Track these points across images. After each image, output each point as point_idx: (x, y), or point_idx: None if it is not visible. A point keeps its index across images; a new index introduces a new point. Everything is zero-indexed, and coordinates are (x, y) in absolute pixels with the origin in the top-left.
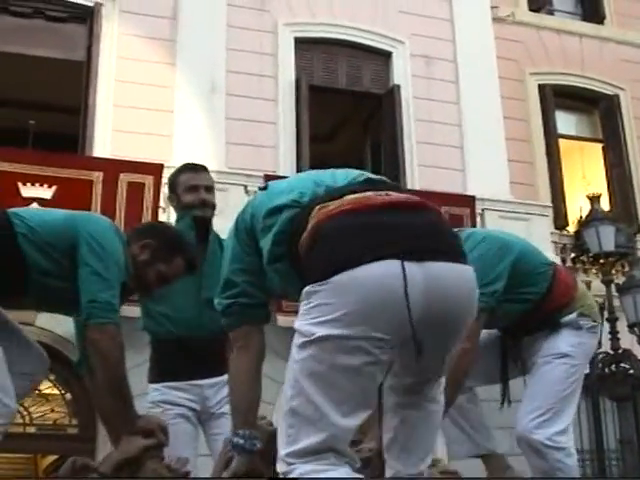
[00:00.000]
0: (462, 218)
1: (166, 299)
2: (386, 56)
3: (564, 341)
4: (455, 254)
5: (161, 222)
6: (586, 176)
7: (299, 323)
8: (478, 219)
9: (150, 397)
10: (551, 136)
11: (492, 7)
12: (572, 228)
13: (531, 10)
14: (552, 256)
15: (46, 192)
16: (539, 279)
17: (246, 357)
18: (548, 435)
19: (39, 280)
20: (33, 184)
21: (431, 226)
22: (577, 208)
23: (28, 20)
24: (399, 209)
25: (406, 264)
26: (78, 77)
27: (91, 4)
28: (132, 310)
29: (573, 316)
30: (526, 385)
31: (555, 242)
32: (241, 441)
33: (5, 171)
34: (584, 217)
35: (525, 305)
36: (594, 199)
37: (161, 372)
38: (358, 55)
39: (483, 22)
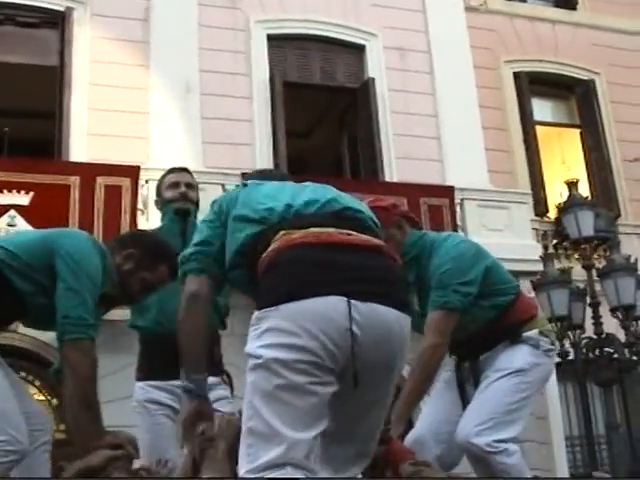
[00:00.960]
0: (441, 209)
1: (154, 294)
2: (359, 50)
3: (520, 358)
4: (398, 302)
5: (143, 231)
6: (565, 162)
7: (249, 347)
8: (458, 209)
9: (135, 395)
10: (528, 123)
11: None
12: (553, 215)
13: None
14: (533, 243)
15: (23, 199)
16: (507, 290)
17: (198, 305)
18: (488, 441)
19: (29, 301)
20: (10, 191)
21: (381, 270)
22: (557, 194)
23: None
24: (355, 250)
25: (352, 302)
26: (52, 82)
27: (62, 9)
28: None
29: (534, 332)
30: (474, 396)
31: (536, 229)
32: (192, 386)
33: None
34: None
35: (492, 312)
36: (572, 185)
37: (146, 370)
38: (331, 50)
39: (456, 12)
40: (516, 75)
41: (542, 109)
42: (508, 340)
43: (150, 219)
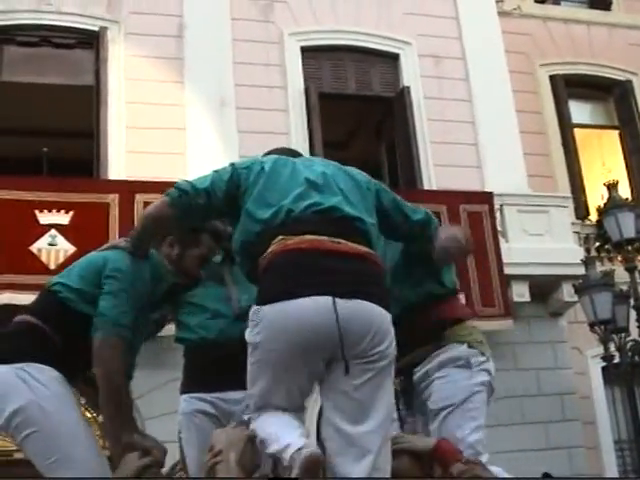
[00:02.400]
0: (481, 215)
1: (198, 307)
2: (394, 58)
3: (460, 387)
4: (378, 300)
5: None
6: (605, 164)
7: (247, 335)
8: (498, 215)
9: (180, 409)
10: (566, 126)
11: (497, 1)
12: (594, 218)
13: (536, 2)
14: (575, 247)
15: (63, 218)
16: (446, 282)
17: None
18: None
19: None
20: (50, 211)
21: (365, 275)
22: (598, 197)
23: (35, 49)
24: (342, 257)
25: (337, 300)
26: (88, 101)
27: (96, 28)
28: (165, 329)
29: (461, 349)
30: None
31: (577, 233)
32: None
33: (22, 200)
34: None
35: (423, 298)
36: (612, 186)
37: (190, 382)
38: (366, 59)
39: (489, 17)
40: (552, 78)
41: (580, 111)
42: (431, 344)
43: None
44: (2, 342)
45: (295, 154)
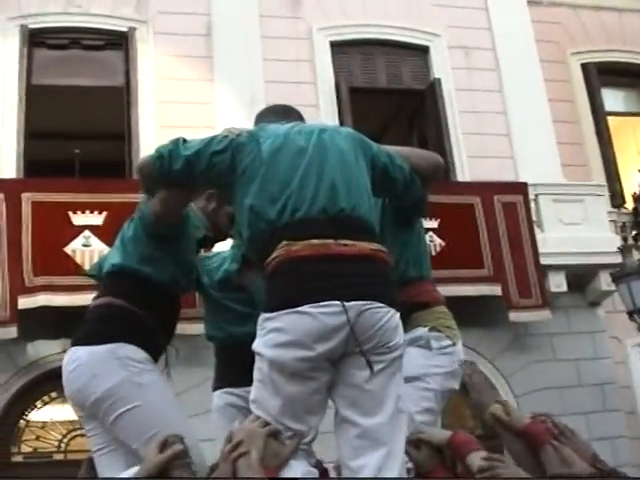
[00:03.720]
0: (516, 205)
1: (227, 307)
2: (424, 51)
3: (412, 364)
4: (385, 299)
5: None
6: None
7: (256, 344)
8: (532, 205)
9: (213, 405)
10: (599, 114)
11: None
12: (630, 206)
13: None
14: (611, 235)
15: (97, 219)
16: (422, 266)
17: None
18: None
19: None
20: (83, 212)
21: (371, 276)
22: (634, 185)
23: (65, 51)
24: (348, 261)
25: (345, 303)
26: (119, 102)
27: (125, 29)
28: (196, 328)
29: (422, 331)
30: None
31: (614, 221)
32: None
33: (56, 201)
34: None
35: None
36: None
37: (221, 378)
38: (395, 53)
39: (519, 7)
40: (584, 66)
41: (613, 99)
42: None
43: None
44: (91, 324)
45: (288, 112)
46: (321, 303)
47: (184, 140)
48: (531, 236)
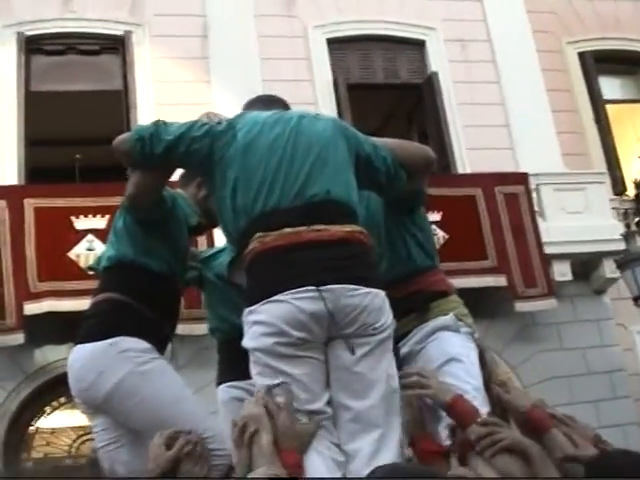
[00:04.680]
0: (517, 196)
1: (228, 298)
2: (420, 45)
3: (450, 345)
4: (364, 279)
5: None
6: None
7: (244, 340)
8: (534, 195)
9: (218, 400)
10: (597, 103)
11: None
12: (632, 192)
13: None
14: (614, 222)
15: (99, 222)
16: (431, 253)
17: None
18: None
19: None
20: (86, 216)
21: (346, 259)
22: (635, 171)
23: (62, 57)
24: (322, 246)
25: (321, 287)
26: (118, 106)
27: (121, 33)
28: (201, 328)
29: (449, 317)
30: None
31: (616, 208)
32: None
33: (58, 207)
34: None
35: (412, 271)
36: None
37: (224, 372)
38: (392, 48)
39: None
40: (581, 55)
41: (610, 87)
42: (416, 312)
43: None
44: (91, 321)
45: (273, 101)
46: (297, 289)
47: (164, 123)
48: (534, 226)
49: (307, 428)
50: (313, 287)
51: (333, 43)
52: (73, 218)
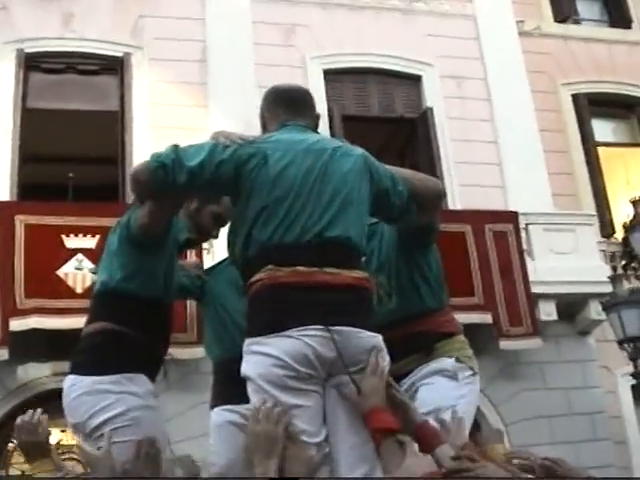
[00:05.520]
0: (506, 234)
1: (225, 320)
2: (416, 80)
3: (439, 392)
4: (365, 325)
5: None
6: (630, 182)
7: (244, 368)
8: (523, 234)
9: (211, 423)
10: (589, 145)
11: (517, 22)
12: (620, 236)
13: (557, 21)
14: (601, 264)
15: (89, 242)
16: (439, 293)
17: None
18: None
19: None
20: (77, 235)
21: (351, 304)
22: (624, 215)
23: (61, 76)
24: (331, 290)
25: (332, 328)
26: (114, 127)
27: (120, 54)
28: (187, 352)
29: (449, 361)
30: None
31: (603, 251)
32: None
33: (49, 224)
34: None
35: (420, 310)
36: (637, 203)
37: (218, 396)
38: (388, 81)
39: (510, 38)
40: (575, 97)
41: (603, 130)
42: (420, 352)
43: (215, 257)
44: (91, 354)
45: (300, 107)
46: (306, 327)
47: (181, 147)
48: (522, 265)
49: (315, 458)
50: (323, 326)
51: (330, 74)
52: (64, 236)
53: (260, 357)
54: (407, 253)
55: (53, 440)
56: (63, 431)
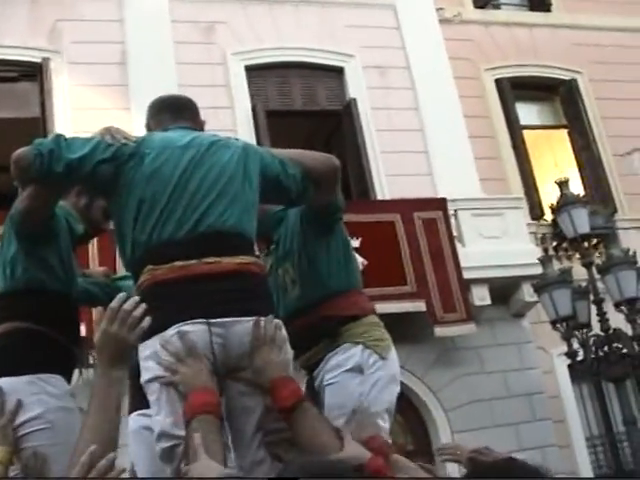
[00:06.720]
0: (436, 221)
1: None
2: (338, 72)
3: (351, 394)
4: (254, 311)
5: None
6: (557, 164)
7: (141, 378)
8: (452, 220)
9: (129, 429)
10: (515, 129)
11: (437, 9)
12: (549, 217)
13: (477, 7)
14: (531, 247)
15: None
16: (344, 275)
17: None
18: None
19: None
20: None
21: (236, 291)
22: (552, 197)
23: None
24: (213, 279)
25: (211, 321)
26: (35, 134)
27: (38, 60)
28: None
29: (356, 350)
30: None
31: (534, 233)
32: None
33: None
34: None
35: (328, 294)
36: (563, 184)
37: (134, 401)
38: (311, 75)
39: (430, 26)
40: (498, 82)
41: (528, 113)
42: (326, 339)
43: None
44: (6, 354)
45: (183, 109)
46: (186, 322)
47: (65, 138)
48: (452, 251)
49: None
50: (203, 319)
51: (252, 70)
52: None
53: (146, 363)
54: (309, 236)
55: None
56: None
